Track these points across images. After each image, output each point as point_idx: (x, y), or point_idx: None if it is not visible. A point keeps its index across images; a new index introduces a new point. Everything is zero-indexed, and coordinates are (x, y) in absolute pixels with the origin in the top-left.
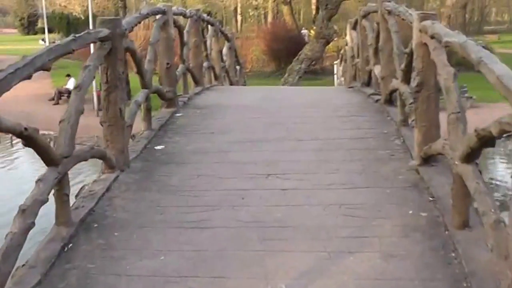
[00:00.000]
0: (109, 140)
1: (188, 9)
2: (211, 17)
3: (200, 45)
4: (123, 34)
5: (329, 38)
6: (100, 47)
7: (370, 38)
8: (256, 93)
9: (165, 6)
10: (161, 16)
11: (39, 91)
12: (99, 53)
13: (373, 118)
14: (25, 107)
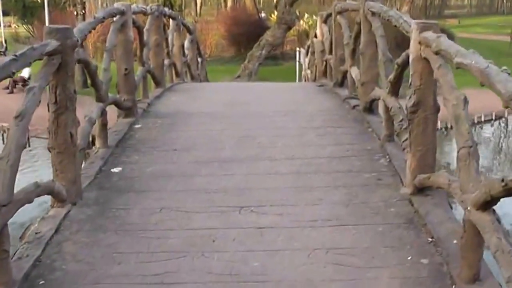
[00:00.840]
0: (58, 169)
1: (149, 5)
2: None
3: (161, 43)
4: (75, 45)
5: (291, 23)
6: (48, 63)
7: (346, 36)
8: (220, 95)
9: (124, 5)
10: (119, 17)
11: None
12: (47, 70)
13: (352, 130)
14: None
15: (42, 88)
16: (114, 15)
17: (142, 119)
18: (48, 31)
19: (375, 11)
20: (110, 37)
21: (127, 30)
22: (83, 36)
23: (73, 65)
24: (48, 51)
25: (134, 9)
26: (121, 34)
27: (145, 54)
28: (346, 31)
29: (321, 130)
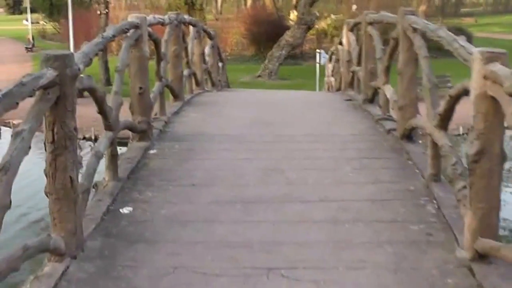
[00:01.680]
0: (56, 218)
1: (167, 14)
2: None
3: (180, 54)
4: (76, 75)
5: (311, 24)
6: (42, 98)
7: (378, 50)
8: (243, 111)
9: (139, 18)
10: (133, 31)
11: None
12: (41, 107)
13: (391, 162)
14: None
15: (33, 131)
16: (126, 31)
17: (158, 143)
18: (44, 59)
19: (418, 28)
20: (122, 55)
21: (142, 45)
22: (87, 61)
23: (74, 98)
24: (42, 85)
25: (150, 21)
26: (136, 50)
27: (162, 68)
28: (379, 44)
29: (356, 162)
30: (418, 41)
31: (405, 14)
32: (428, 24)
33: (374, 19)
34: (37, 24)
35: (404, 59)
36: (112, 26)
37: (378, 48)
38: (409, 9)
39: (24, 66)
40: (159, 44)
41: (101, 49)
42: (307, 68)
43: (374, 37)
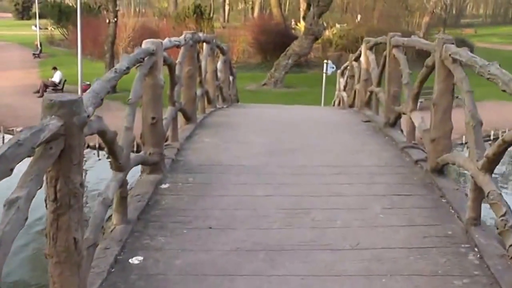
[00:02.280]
0: (56, 283)
1: (183, 34)
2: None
3: (194, 74)
4: (85, 123)
5: (318, 34)
6: (43, 154)
7: (405, 75)
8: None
9: (155, 44)
10: (148, 58)
11: (25, 81)
12: (40, 166)
13: (424, 201)
14: (9, 99)
15: (31, 197)
16: (141, 60)
17: (171, 175)
18: (47, 105)
19: (462, 60)
20: (135, 86)
21: (157, 73)
22: (98, 102)
23: (81, 149)
24: (44, 139)
25: (166, 45)
26: (149, 78)
27: (176, 92)
28: (406, 68)
29: (386, 200)
30: (459, 73)
31: (444, 43)
32: (476, 58)
33: (403, 43)
34: (46, 30)
35: (439, 90)
36: (126, 57)
37: (405, 72)
38: (447, 37)
39: (31, 72)
40: (173, 68)
41: (113, 85)
42: (313, 76)
43: (401, 61)
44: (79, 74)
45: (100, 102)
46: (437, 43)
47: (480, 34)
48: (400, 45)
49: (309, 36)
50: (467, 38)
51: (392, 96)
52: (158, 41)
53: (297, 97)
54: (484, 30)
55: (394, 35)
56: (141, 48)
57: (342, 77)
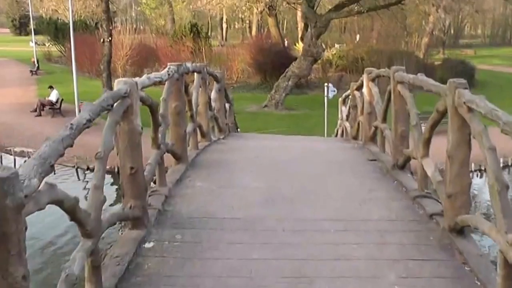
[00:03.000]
0: None
1: (167, 67)
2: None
3: (182, 110)
4: (21, 205)
5: (317, 56)
6: None
7: (413, 116)
8: (256, 178)
9: (128, 84)
10: (120, 103)
11: (23, 99)
12: None
13: (443, 268)
14: (7, 117)
15: None
16: (109, 108)
17: (156, 231)
18: None
19: (481, 112)
20: (104, 137)
21: (133, 118)
22: (46, 169)
23: (21, 235)
24: None
25: (144, 83)
26: (125, 123)
27: (161, 133)
28: (413, 108)
29: (400, 266)
30: (476, 125)
31: (457, 88)
32: (496, 110)
33: (409, 81)
34: (43, 46)
35: (454, 140)
36: (88, 107)
37: (413, 113)
38: (460, 80)
39: (28, 90)
40: (155, 108)
41: (70, 145)
42: (314, 98)
43: (407, 99)
44: (75, 94)
45: (50, 169)
46: (449, 87)
47: (479, 55)
48: (405, 82)
49: (308, 57)
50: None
51: (399, 136)
52: (132, 80)
53: (300, 120)
54: (484, 51)
55: (398, 70)
56: (109, 92)
57: (344, 105)
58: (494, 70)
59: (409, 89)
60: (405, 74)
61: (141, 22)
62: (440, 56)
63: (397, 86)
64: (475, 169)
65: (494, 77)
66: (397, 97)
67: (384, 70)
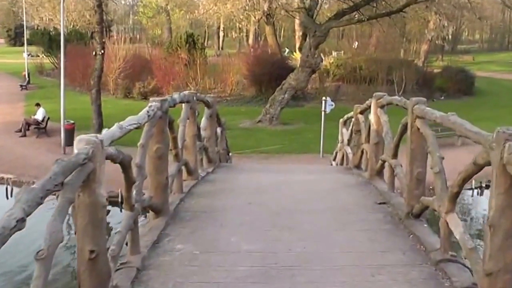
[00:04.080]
0: None
1: (148, 106)
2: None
3: (165, 153)
4: None
5: (315, 67)
6: None
7: (437, 161)
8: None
9: (90, 144)
10: (78, 171)
11: (9, 117)
12: None
13: None
14: None
15: None
16: (56, 190)
17: None
18: None
19: None
20: (50, 230)
21: (95, 187)
22: None
23: None
24: None
25: (113, 136)
26: (85, 195)
27: (138, 188)
28: (436, 150)
29: None
30: None
31: (507, 140)
32: None
33: (435, 120)
34: (37, 57)
35: (499, 205)
36: (24, 194)
37: (436, 157)
38: (509, 130)
39: (16, 107)
40: (127, 164)
41: None
42: (310, 111)
43: (429, 139)
44: (62, 113)
45: None
46: (496, 138)
47: (478, 61)
48: (427, 118)
49: (306, 68)
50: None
51: (415, 178)
52: (96, 139)
53: (295, 135)
54: (482, 56)
55: (419, 102)
56: (61, 162)
57: (345, 127)
58: (492, 77)
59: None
60: (430, 109)
61: (138, 31)
62: (439, 63)
63: (415, 121)
64: (476, 186)
65: (492, 84)
66: (415, 134)
67: (399, 99)
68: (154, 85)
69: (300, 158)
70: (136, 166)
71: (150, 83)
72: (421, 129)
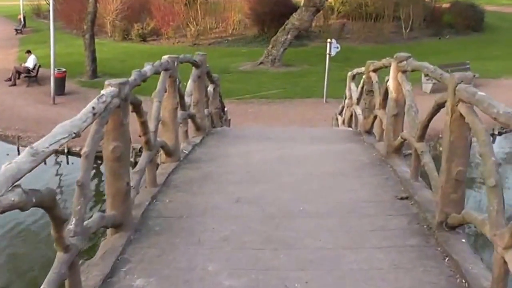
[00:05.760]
0: None
1: (96, 98)
2: None
3: (125, 152)
4: None
5: (320, 6)
6: None
7: (492, 170)
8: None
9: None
10: None
11: (2, 63)
12: None
13: None
14: None
15: None
16: None
17: None
18: None
19: None
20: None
21: None
22: None
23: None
24: None
25: (16, 174)
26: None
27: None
28: (490, 154)
29: None
30: None
31: None
32: None
33: (484, 106)
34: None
35: None
36: None
37: (491, 163)
38: None
39: (9, 53)
40: (52, 206)
41: None
42: (314, 51)
43: (480, 135)
44: (52, 61)
45: None
46: None
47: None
48: (474, 103)
49: (310, 8)
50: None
51: (453, 180)
52: None
53: (298, 78)
54: None
55: (464, 78)
56: None
57: (353, 81)
58: (503, 11)
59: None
60: (485, 96)
61: None
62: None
63: (458, 105)
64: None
65: (503, 20)
66: (456, 122)
67: (432, 68)
68: (153, 26)
69: (303, 104)
70: (77, 184)
71: (149, 24)
72: (467, 118)
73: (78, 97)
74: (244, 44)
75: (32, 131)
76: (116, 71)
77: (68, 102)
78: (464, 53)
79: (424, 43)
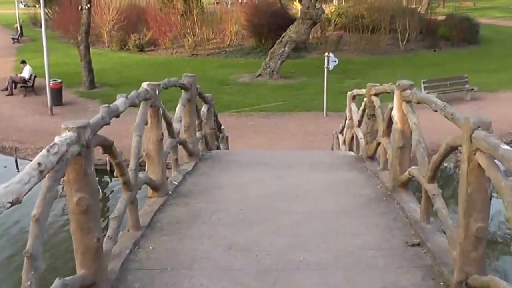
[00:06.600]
0: None
1: (49, 146)
2: None
3: (93, 204)
4: None
5: (316, 19)
6: None
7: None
8: None
9: None
10: None
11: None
12: None
13: None
14: None
15: None
16: None
17: None
18: None
19: None
20: None
21: None
22: None
23: None
24: None
25: None
26: None
27: None
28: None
29: None
30: None
31: None
32: None
33: (502, 155)
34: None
35: None
36: None
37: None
38: None
39: (6, 62)
40: None
41: None
42: (311, 63)
43: (504, 193)
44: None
45: None
46: None
47: (479, 7)
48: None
49: (307, 20)
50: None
51: (473, 236)
52: None
53: (297, 90)
54: (483, 2)
55: (478, 124)
56: None
57: (353, 101)
58: (496, 24)
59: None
60: (508, 149)
61: None
62: (441, 9)
63: (475, 155)
64: None
65: (497, 32)
66: (474, 172)
67: (440, 104)
68: (150, 37)
69: (303, 117)
70: (25, 255)
71: (146, 34)
72: (487, 171)
73: (76, 108)
74: (242, 55)
75: (30, 143)
76: (114, 81)
77: (66, 113)
78: (460, 65)
79: (420, 55)
